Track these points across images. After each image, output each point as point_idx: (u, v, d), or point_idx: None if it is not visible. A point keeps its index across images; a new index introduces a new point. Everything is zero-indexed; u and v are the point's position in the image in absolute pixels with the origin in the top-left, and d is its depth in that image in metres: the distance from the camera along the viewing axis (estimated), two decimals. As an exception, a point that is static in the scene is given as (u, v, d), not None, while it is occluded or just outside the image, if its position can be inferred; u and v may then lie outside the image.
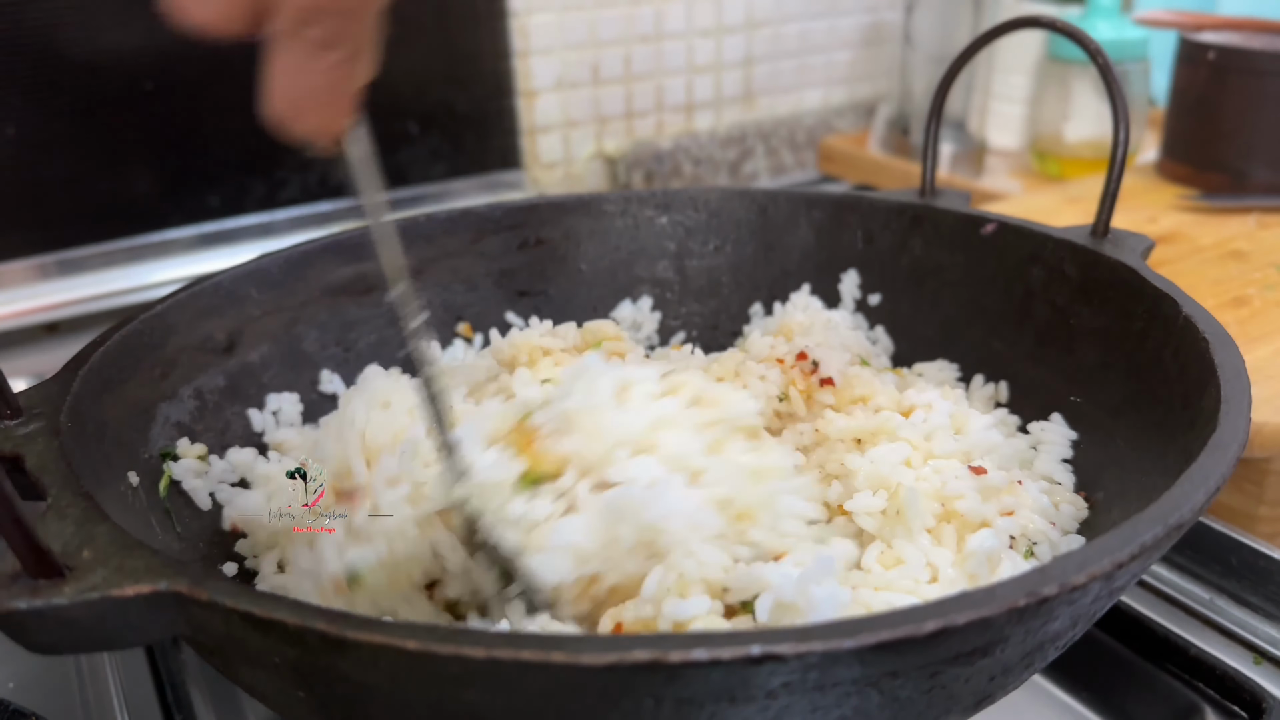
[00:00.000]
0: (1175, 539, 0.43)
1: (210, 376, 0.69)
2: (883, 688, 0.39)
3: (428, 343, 0.52)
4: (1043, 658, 0.47)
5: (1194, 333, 0.57)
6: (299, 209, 1.20)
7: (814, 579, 0.47)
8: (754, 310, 0.88)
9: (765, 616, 0.47)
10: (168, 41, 1.07)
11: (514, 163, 1.35)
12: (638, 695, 0.36)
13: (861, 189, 1.42)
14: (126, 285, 1.11)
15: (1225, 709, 0.61)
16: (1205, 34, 1.22)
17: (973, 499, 0.56)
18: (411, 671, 0.37)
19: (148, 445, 0.62)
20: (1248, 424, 0.49)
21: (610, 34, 1.36)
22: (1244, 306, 0.91)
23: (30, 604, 0.38)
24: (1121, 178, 0.71)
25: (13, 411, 0.53)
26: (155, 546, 0.43)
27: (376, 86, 0.42)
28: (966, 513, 0.55)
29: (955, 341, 0.79)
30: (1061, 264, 0.72)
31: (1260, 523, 0.75)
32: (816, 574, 0.47)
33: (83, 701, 0.64)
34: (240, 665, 0.44)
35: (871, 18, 1.59)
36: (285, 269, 0.76)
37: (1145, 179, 1.27)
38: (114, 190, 1.09)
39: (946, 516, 0.56)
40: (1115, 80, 0.70)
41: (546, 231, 0.87)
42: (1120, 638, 0.66)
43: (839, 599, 0.47)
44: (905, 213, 0.83)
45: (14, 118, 1.02)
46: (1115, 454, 0.62)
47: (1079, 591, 0.38)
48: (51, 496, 0.46)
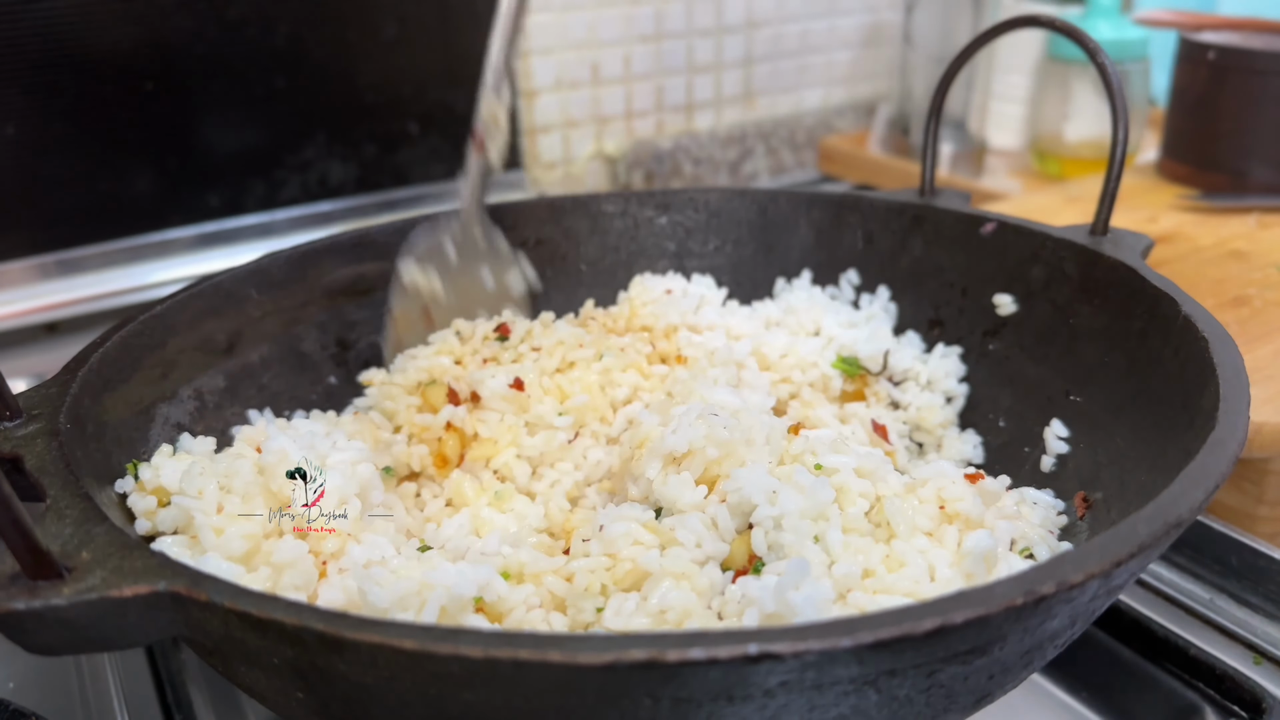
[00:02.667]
0: (1173, 538, 0.43)
1: (210, 376, 0.69)
2: (881, 686, 0.39)
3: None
4: (1042, 657, 0.47)
5: (1193, 332, 0.57)
6: (299, 209, 1.20)
7: (790, 584, 0.47)
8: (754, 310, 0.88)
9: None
10: (168, 41, 1.08)
11: (514, 163, 1.35)
12: (635, 694, 0.36)
13: (861, 189, 1.42)
14: (126, 285, 1.11)
15: (1225, 709, 0.61)
16: (1205, 34, 1.22)
17: (973, 501, 0.56)
18: (409, 671, 0.37)
19: (148, 446, 0.62)
20: (1247, 423, 0.49)
21: (610, 34, 1.36)
22: (1244, 306, 0.91)
23: (29, 605, 0.38)
24: (1121, 177, 0.71)
25: (12, 412, 0.53)
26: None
27: (376, 86, 0.42)
28: (968, 514, 0.55)
29: (955, 341, 0.79)
30: (1061, 263, 0.72)
31: (1260, 522, 0.75)
32: (793, 579, 0.47)
33: (83, 701, 0.64)
34: (239, 665, 0.44)
35: (871, 18, 1.59)
36: (285, 269, 0.76)
37: (1145, 179, 1.27)
38: (114, 190, 1.09)
39: (948, 518, 0.56)
40: (1115, 80, 0.70)
41: (546, 231, 0.87)
42: (1120, 638, 0.66)
43: (819, 597, 0.46)
44: (905, 212, 0.83)
45: (14, 118, 1.02)
46: (1115, 453, 0.62)
47: (1077, 590, 0.38)
48: (51, 497, 0.46)
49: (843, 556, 0.51)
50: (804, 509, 0.53)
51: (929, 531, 0.54)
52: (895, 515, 0.54)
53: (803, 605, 0.46)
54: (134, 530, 0.54)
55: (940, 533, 0.54)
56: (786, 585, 0.47)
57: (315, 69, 1.17)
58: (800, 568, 0.48)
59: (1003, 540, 0.54)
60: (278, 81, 1.15)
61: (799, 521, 0.53)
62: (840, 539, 0.52)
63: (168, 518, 0.55)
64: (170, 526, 0.55)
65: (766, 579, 0.49)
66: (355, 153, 1.22)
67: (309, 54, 1.16)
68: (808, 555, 0.51)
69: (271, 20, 1.12)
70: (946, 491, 0.56)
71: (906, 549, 0.52)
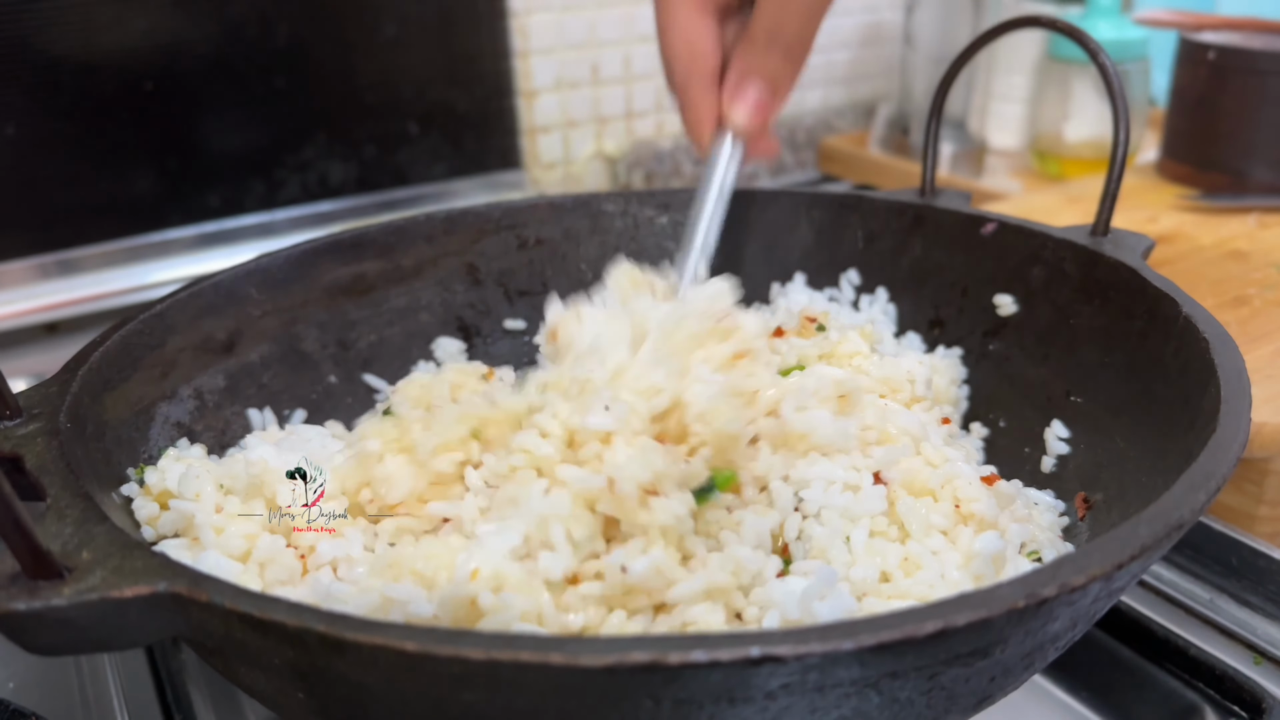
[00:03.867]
0: (1175, 540, 0.43)
1: (210, 376, 0.69)
2: (882, 689, 0.39)
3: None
4: (1043, 658, 0.46)
5: (1194, 333, 0.57)
6: (299, 209, 1.20)
7: (817, 593, 0.47)
8: (754, 310, 0.88)
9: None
10: (168, 41, 1.08)
11: (514, 163, 1.35)
12: (637, 696, 0.36)
13: (861, 189, 1.42)
14: (126, 285, 1.11)
15: (1225, 709, 0.61)
16: (1205, 34, 1.22)
17: (987, 503, 0.56)
18: (410, 672, 0.37)
19: (148, 445, 0.62)
20: (1248, 424, 0.48)
21: (610, 34, 1.36)
22: (1244, 306, 0.91)
23: (29, 605, 0.38)
24: (1121, 177, 0.71)
25: (12, 412, 0.53)
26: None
27: (376, 86, 0.42)
28: (982, 514, 0.55)
29: (955, 342, 0.79)
30: (1062, 264, 0.72)
31: (1260, 523, 0.75)
32: (819, 588, 0.47)
33: (83, 701, 0.64)
34: (240, 666, 0.44)
35: (871, 18, 1.59)
36: (285, 269, 0.76)
37: (1145, 179, 1.27)
38: (114, 190, 1.09)
39: (963, 519, 0.56)
40: (1115, 80, 0.70)
41: (546, 231, 0.87)
42: (1120, 638, 0.66)
43: (843, 608, 0.46)
44: (905, 213, 0.83)
45: (14, 118, 1.02)
46: (1115, 454, 0.62)
47: (1078, 592, 0.38)
48: (51, 497, 0.46)
49: (863, 559, 0.51)
50: (850, 509, 0.53)
51: (944, 530, 0.54)
52: (910, 515, 0.53)
53: (827, 616, 0.46)
54: (136, 532, 0.54)
55: (955, 533, 0.54)
56: (812, 593, 0.46)
57: (315, 69, 1.17)
58: (829, 576, 0.47)
59: (1013, 543, 0.54)
60: (278, 81, 1.15)
61: (838, 520, 0.53)
62: (865, 541, 0.52)
63: (168, 521, 0.55)
64: (171, 530, 0.55)
65: (793, 582, 0.49)
66: (355, 153, 1.22)
67: (309, 54, 1.16)
68: (835, 556, 0.51)
69: (271, 20, 1.12)
70: (962, 492, 0.56)
71: (921, 550, 0.52)
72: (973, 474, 0.58)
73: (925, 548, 0.52)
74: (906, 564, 0.52)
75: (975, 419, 0.75)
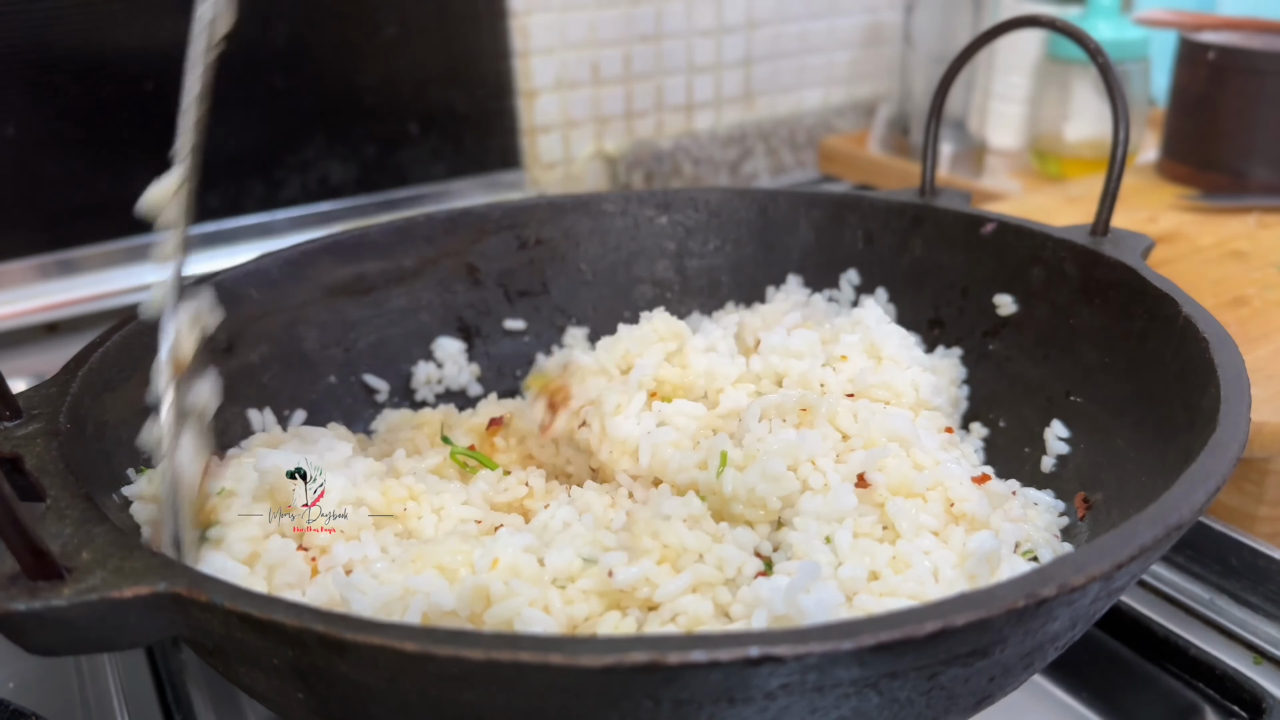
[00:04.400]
0: (1174, 540, 0.43)
1: (210, 376, 0.69)
2: (882, 689, 0.39)
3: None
4: (1042, 658, 0.47)
5: (1194, 333, 0.57)
6: (299, 209, 1.20)
7: (801, 587, 0.47)
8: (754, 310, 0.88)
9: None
10: (168, 41, 1.07)
11: (514, 163, 1.35)
12: (636, 696, 0.36)
13: (861, 189, 1.42)
14: (126, 285, 1.11)
15: (1225, 709, 0.61)
16: (1205, 34, 1.22)
17: (979, 503, 0.56)
18: (410, 672, 0.37)
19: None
20: (1248, 424, 0.48)
21: (610, 34, 1.36)
22: (1244, 306, 0.91)
23: (29, 606, 0.38)
24: (1121, 177, 0.71)
25: (12, 412, 0.53)
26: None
27: (376, 86, 0.42)
28: (974, 514, 0.55)
29: (955, 342, 0.79)
30: (1061, 264, 0.72)
31: (1260, 523, 0.75)
32: (803, 581, 0.47)
33: (83, 701, 0.64)
34: (239, 666, 0.44)
35: (871, 18, 1.59)
36: (285, 269, 0.76)
37: (1145, 179, 1.27)
38: (114, 190, 1.09)
39: (954, 519, 0.56)
40: (1115, 80, 0.70)
41: (546, 231, 0.87)
42: (1120, 638, 0.66)
43: (830, 601, 0.47)
44: (905, 212, 0.83)
45: (14, 118, 1.02)
46: (1115, 454, 0.62)
47: (1078, 592, 0.38)
48: (51, 497, 0.46)
49: (850, 558, 0.51)
50: (821, 511, 0.53)
51: (935, 530, 0.54)
52: (900, 516, 0.54)
53: (813, 609, 0.46)
54: (136, 533, 0.54)
55: (946, 533, 0.54)
56: (797, 588, 0.47)
57: (315, 69, 1.17)
58: (811, 570, 0.48)
59: (1007, 542, 0.54)
60: (278, 81, 1.15)
61: (811, 522, 0.53)
62: (850, 541, 0.52)
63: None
64: None
65: (777, 580, 0.49)
66: (355, 153, 1.22)
67: (309, 54, 1.16)
68: (817, 557, 0.51)
69: (271, 20, 1.12)
70: (954, 492, 0.56)
71: (912, 550, 0.52)
72: (963, 474, 0.58)
73: (916, 547, 0.52)
74: (896, 562, 0.52)
75: (975, 419, 0.75)
